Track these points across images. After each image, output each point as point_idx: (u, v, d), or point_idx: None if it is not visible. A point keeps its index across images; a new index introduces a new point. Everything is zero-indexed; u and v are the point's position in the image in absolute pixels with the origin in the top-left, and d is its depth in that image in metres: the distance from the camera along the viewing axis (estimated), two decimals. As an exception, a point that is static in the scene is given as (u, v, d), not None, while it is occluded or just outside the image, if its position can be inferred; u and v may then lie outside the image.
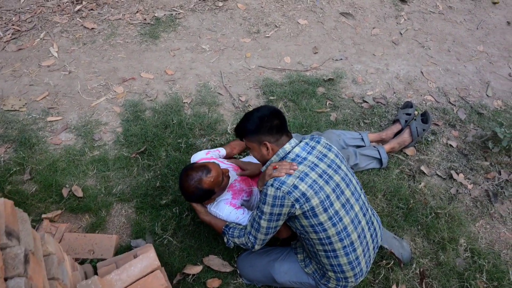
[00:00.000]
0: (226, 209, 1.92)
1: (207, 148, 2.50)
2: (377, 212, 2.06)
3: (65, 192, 2.26)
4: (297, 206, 1.58)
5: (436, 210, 2.32)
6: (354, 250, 1.69)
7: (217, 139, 2.59)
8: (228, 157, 2.30)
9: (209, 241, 2.13)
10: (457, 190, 2.45)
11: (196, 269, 2.02)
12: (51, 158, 2.43)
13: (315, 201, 1.58)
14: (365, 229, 1.74)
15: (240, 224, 1.88)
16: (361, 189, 1.80)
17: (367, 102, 2.91)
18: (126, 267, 1.57)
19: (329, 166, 1.67)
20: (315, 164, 1.65)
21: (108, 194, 2.30)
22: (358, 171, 2.44)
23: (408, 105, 2.70)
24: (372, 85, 3.06)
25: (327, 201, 1.61)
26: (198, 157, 2.12)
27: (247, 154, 2.47)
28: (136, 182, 2.36)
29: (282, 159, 1.70)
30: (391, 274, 2.04)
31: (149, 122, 2.66)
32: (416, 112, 2.76)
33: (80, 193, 2.26)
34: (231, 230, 1.84)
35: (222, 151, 2.25)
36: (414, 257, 2.13)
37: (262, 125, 1.69)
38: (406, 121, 2.63)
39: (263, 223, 1.67)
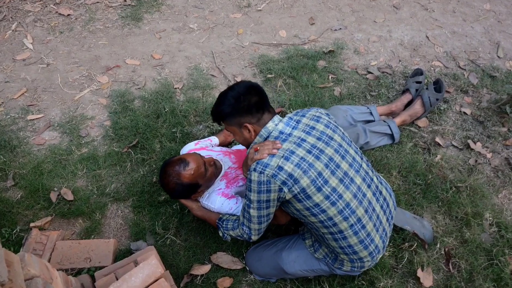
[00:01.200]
0: (218, 201, 1.77)
1: (204, 137, 2.31)
2: (393, 191, 1.90)
3: (53, 196, 2.07)
4: (285, 189, 1.40)
5: (456, 183, 2.15)
6: (363, 226, 1.51)
7: (214, 125, 2.39)
8: (222, 145, 2.12)
9: (215, 237, 1.96)
10: (476, 160, 2.28)
11: (205, 269, 1.86)
12: (35, 160, 2.22)
13: (305, 182, 1.40)
14: (373, 201, 1.56)
15: (234, 215, 1.72)
16: (361, 158, 1.60)
17: (372, 73, 2.70)
18: (126, 278, 1.40)
19: (318, 139, 1.48)
20: (302, 139, 1.46)
21: (101, 194, 2.11)
22: (369, 149, 2.26)
23: (418, 72, 2.50)
24: (375, 55, 2.85)
25: (320, 179, 1.42)
26: (187, 149, 1.98)
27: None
28: (131, 179, 2.17)
29: (266, 139, 1.51)
30: (415, 257, 1.88)
31: (139, 112, 2.45)
32: (426, 80, 2.57)
33: (70, 196, 2.07)
34: (224, 222, 1.69)
35: (215, 139, 2.08)
36: (437, 236, 1.98)
37: (239, 106, 1.48)
38: (416, 90, 2.43)
39: (253, 212, 1.51)
